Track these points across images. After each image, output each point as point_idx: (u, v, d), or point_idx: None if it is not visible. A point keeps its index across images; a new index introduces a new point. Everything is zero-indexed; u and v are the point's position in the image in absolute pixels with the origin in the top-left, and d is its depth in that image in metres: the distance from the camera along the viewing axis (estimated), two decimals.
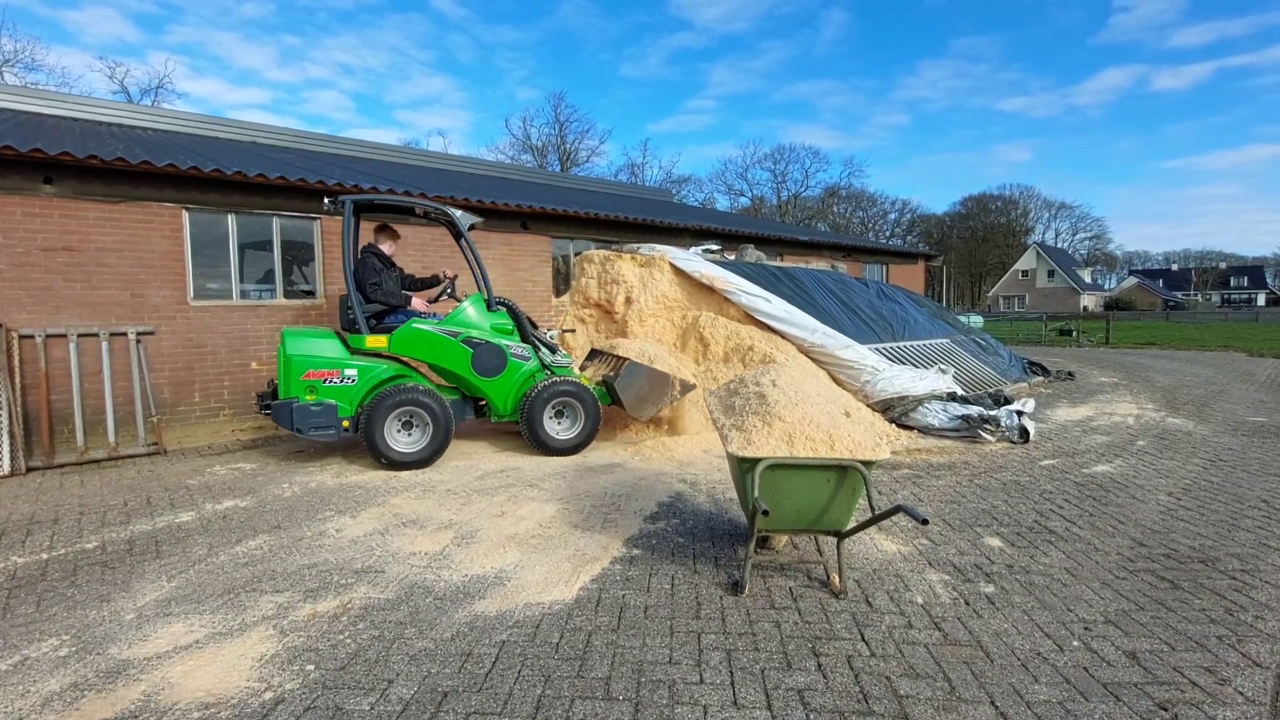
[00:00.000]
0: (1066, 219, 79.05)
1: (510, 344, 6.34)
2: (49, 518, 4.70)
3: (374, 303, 6.05)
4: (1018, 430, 6.85)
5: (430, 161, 16.75)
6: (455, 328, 6.15)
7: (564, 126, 50.26)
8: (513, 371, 6.32)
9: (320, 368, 5.78)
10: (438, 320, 6.19)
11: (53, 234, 6.49)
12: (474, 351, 6.14)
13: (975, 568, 3.69)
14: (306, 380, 5.73)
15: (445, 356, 6.09)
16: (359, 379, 5.89)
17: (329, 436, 5.78)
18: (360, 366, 5.92)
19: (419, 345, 6.02)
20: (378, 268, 6.11)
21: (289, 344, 5.78)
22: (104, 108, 12.07)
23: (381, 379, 5.98)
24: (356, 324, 5.95)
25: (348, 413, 5.83)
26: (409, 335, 5.98)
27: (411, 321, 6.04)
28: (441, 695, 2.53)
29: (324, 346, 5.88)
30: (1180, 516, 4.51)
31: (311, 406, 5.71)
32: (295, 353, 5.74)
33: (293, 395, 5.72)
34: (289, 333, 5.92)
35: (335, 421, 5.77)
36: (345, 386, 5.85)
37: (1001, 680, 2.61)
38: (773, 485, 3.26)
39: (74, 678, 2.67)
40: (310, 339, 5.91)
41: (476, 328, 6.24)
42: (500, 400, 6.36)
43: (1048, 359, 14.92)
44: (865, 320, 9.69)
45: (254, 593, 3.43)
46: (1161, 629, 3.00)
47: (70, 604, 3.34)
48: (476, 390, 6.33)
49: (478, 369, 6.17)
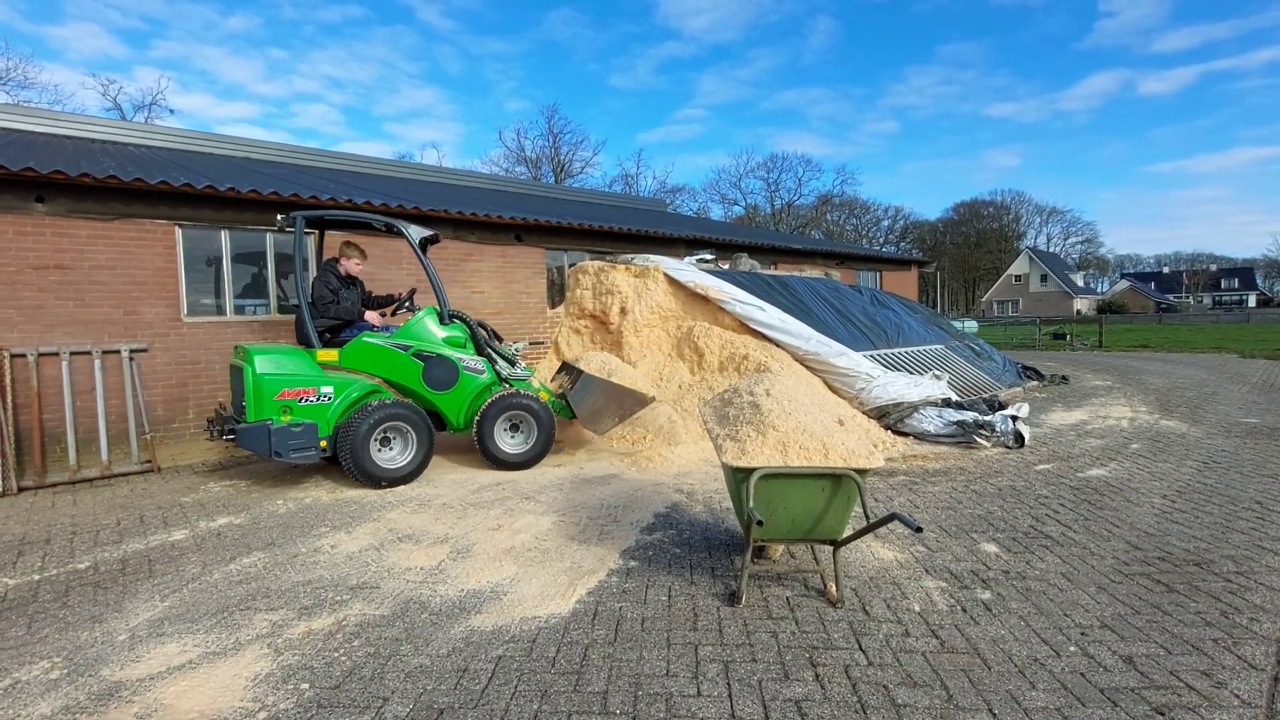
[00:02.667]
0: (1058, 223, 79.60)
1: (463, 357, 6.26)
2: (41, 538, 4.66)
3: (327, 317, 6.00)
4: (1013, 435, 6.87)
5: (424, 175, 16.79)
6: (406, 341, 6.07)
7: (557, 138, 50.41)
8: (465, 385, 6.24)
9: (296, 386, 5.56)
10: (389, 334, 6.12)
11: (45, 252, 6.47)
12: (425, 365, 6.06)
13: (972, 574, 3.69)
14: (281, 400, 5.48)
15: (396, 370, 6.02)
16: (335, 396, 5.73)
17: (309, 458, 5.54)
18: (337, 383, 5.77)
19: (369, 359, 5.95)
20: (334, 284, 6.07)
21: (258, 362, 5.50)
22: (97, 125, 12.08)
23: (359, 395, 5.84)
24: (307, 338, 5.88)
25: (326, 432, 5.63)
26: (359, 349, 5.92)
27: (362, 335, 5.98)
28: (437, 712, 2.51)
29: (295, 363, 5.68)
30: (1175, 519, 4.52)
31: (291, 428, 5.45)
32: (267, 371, 5.49)
33: (265, 417, 5.45)
34: (256, 350, 5.61)
35: (315, 442, 5.55)
36: (322, 405, 5.65)
37: (999, 687, 2.61)
38: (768, 495, 3.26)
39: (66, 700, 2.65)
40: (280, 356, 5.67)
41: (428, 341, 6.16)
42: (453, 413, 6.29)
43: (1042, 363, 14.97)
44: (859, 327, 9.72)
45: (248, 611, 3.41)
46: (1157, 633, 3.00)
47: (62, 625, 3.31)
48: (429, 403, 6.23)
49: (429, 382, 6.08)
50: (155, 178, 6.92)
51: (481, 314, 9.59)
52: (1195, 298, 78.13)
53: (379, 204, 8.37)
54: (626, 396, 6.76)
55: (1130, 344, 22.66)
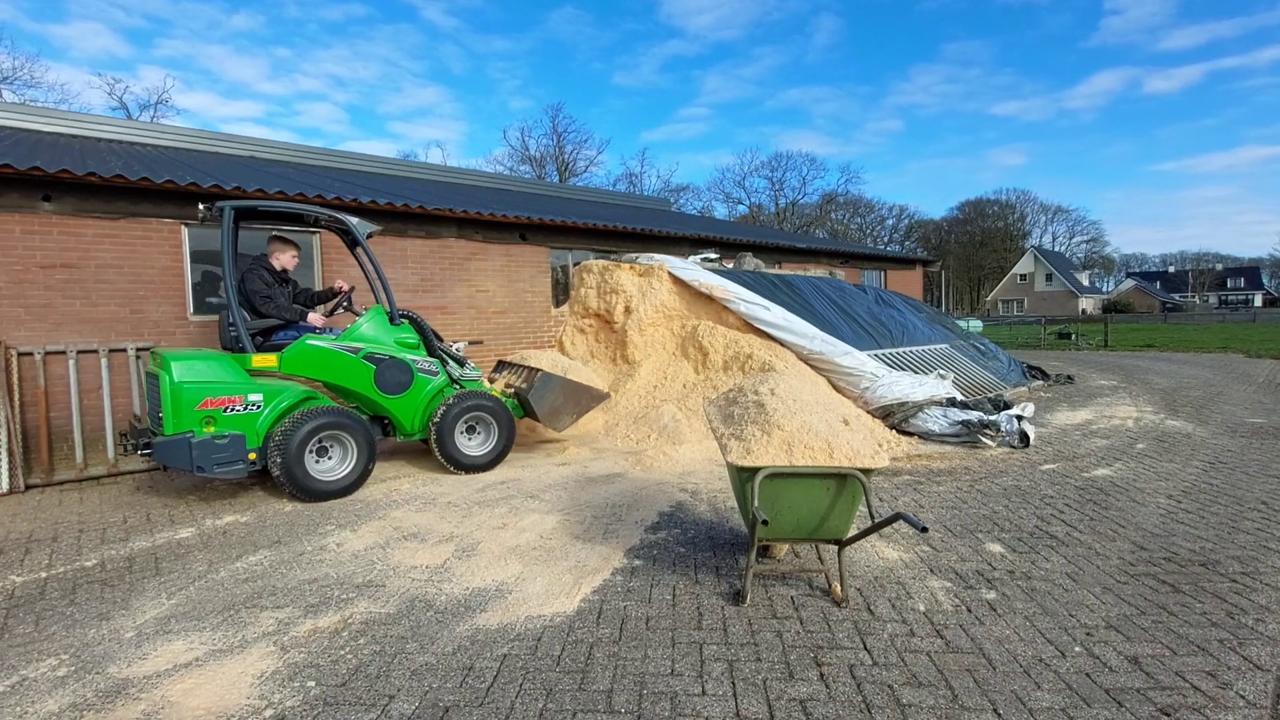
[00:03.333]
0: (1063, 223, 79.31)
1: (416, 359, 6.01)
2: (48, 535, 4.69)
3: (264, 318, 5.58)
4: (1018, 435, 6.85)
5: (428, 174, 16.81)
6: (355, 343, 5.71)
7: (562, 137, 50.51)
8: (419, 388, 6.00)
9: (219, 394, 5.07)
10: (335, 336, 5.75)
11: (52, 251, 6.50)
12: (377, 368, 5.74)
13: (977, 574, 3.69)
14: (203, 410, 5.00)
15: (344, 374, 5.63)
16: (265, 404, 5.27)
17: (236, 473, 5.12)
18: (266, 390, 5.31)
19: (314, 364, 5.52)
20: (267, 280, 5.67)
21: (176, 369, 4.98)
22: (103, 124, 12.13)
23: (291, 402, 5.41)
24: (240, 342, 5.40)
25: (255, 443, 5.19)
26: (303, 353, 5.46)
27: (305, 338, 5.54)
28: (443, 710, 2.52)
29: (218, 370, 5.17)
30: (1180, 520, 4.51)
31: (215, 440, 4.98)
32: (185, 379, 4.98)
33: (186, 429, 4.95)
34: (172, 356, 5.08)
35: (243, 455, 5.11)
36: (250, 414, 5.19)
37: (1004, 687, 2.61)
38: (772, 495, 3.26)
39: (73, 698, 2.66)
40: (200, 362, 5.14)
41: (378, 343, 5.83)
42: (406, 418, 6.01)
43: (1047, 363, 14.94)
44: (864, 327, 9.71)
45: (254, 609, 3.43)
46: (1163, 633, 3.00)
47: (69, 623, 3.33)
48: (380, 409, 5.94)
49: (381, 386, 5.77)
50: (161, 177, 6.95)
51: (487, 313, 9.61)
52: (1201, 297, 77.83)
53: (384, 203, 8.39)
54: (583, 393, 6.83)
55: (1135, 344, 22.58)
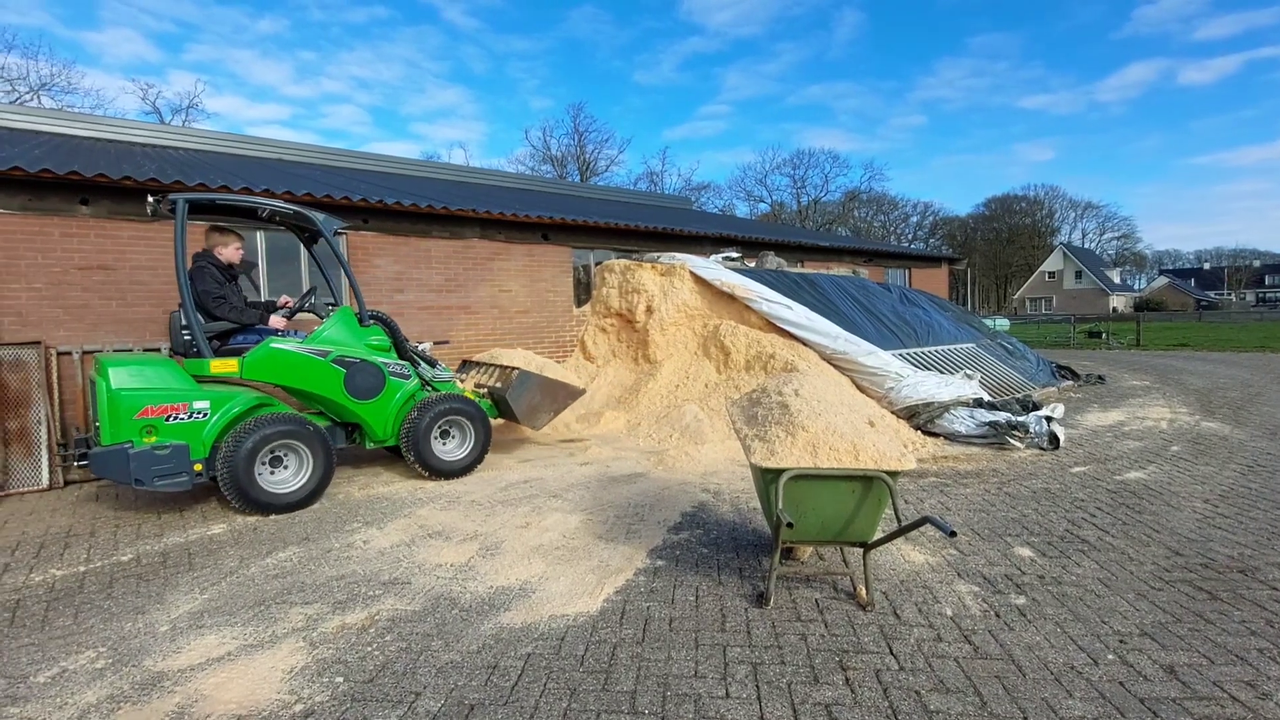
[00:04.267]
0: (1093, 219, 77.57)
1: (388, 362, 5.77)
2: (86, 530, 4.82)
3: (220, 320, 5.24)
4: (1047, 436, 6.72)
5: (451, 174, 16.97)
6: (324, 346, 5.42)
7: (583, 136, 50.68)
8: (392, 392, 5.76)
9: (161, 402, 4.77)
10: (300, 339, 5.42)
11: (89, 253, 6.68)
12: (347, 372, 5.47)
13: (1006, 579, 3.63)
14: (142, 419, 4.70)
15: (312, 380, 5.35)
16: (212, 412, 4.97)
17: (179, 486, 4.80)
18: (214, 397, 5.01)
19: (279, 369, 5.22)
20: (219, 279, 5.26)
21: (112, 375, 4.70)
22: (136, 129, 12.43)
23: (242, 410, 5.12)
24: (195, 346, 5.06)
25: (200, 454, 4.89)
26: (267, 357, 5.16)
27: (269, 341, 5.22)
28: (468, 709, 2.55)
29: (160, 376, 4.88)
30: (1217, 524, 4.39)
31: (155, 450, 4.69)
32: (124, 386, 4.69)
33: (124, 439, 4.66)
34: (109, 361, 4.81)
35: (187, 466, 4.82)
36: (195, 423, 4.89)
37: (1034, 695, 2.56)
38: (797, 497, 3.24)
39: (110, 690, 2.74)
40: (141, 367, 4.87)
41: (348, 345, 5.56)
42: (379, 424, 5.75)
43: (1077, 362, 14.63)
44: (888, 326, 9.60)
45: (284, 604, 3.49)
46: (1200, 642, 2.92)
47: (106, 616, 3.42)
48: (350, 415, 5.67)
49: (352, 391, 5.49)
50: (193, 180, 7.10)
51: (510, 313, 9.68)
52: (1237, 294, 75.62)
53: (409, 204, 8.47)
54: (560, 390, 6.82)
55: (1169, 343, 22.03)
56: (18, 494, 5.88)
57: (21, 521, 5.08)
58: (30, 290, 6.38)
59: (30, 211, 6.39)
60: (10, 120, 11.16)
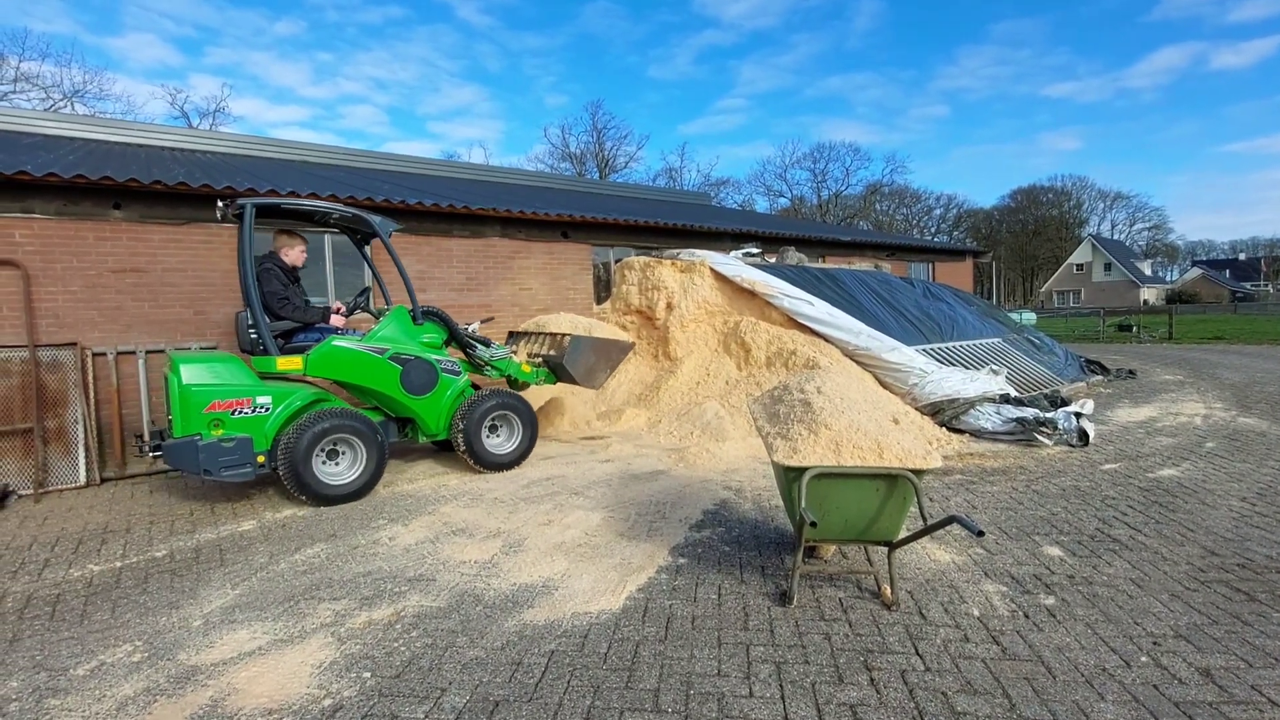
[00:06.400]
0: (1123, 209, 75.86)
1: (440, 359, 5.98)
2: (122, 527, 4.95)
3: (283, 320, 5.50)
4: (1076, 433, 6.60)
5: (470, 174, 17.09)
6: (381, 344, 5.67)
7: (602, 133, 50.71)
8: (444, 388, 5.97)
9: (228, 397, 5.05)
10: (359, 337, 5.68)
11: (122, 256, 6.84)
12: (403, 368, 5.70)
13: (1034, 578, 3.57)
14: (211, 413, 4.99)
15: (371, 376, 5.58)
16: (274, 406, 5.23)
17: (244, 476, 5.06)
18: (275, 392, 5.27)
19: (341, 365, 5.46)
20: (284, 280, 5.54)
21: (184, 371, 5.00)
22: (165, 133, 12.69)
23: (302, 405, 5.36)
24: (261, 344, 5.32)
25: (263, 446, 5.15)
26: (329, 354, 5.41)
27: (331, 339, 5.47)
28: (493, 705, 2.57)
29: (227, 372, 5.17)
30: (1255, 524, 4.28)
31: (222, 443, 4.96)
32: (195, 382, 4.98)
33: (194, 431, 4.94)
34: (181, 359, 5.11)
35: (250, 458, 5.08)
36: (259, 417, 5.16)
37: (1065, 698, 2.52)
38: (820, 495, 3.22)
39: (146, 683, 2.81)
40: (210, 364, 5.16)
41: (403, 343, 5.80)
42: (431, 419, 5.97)
43: (1106, 356, 14.33)
44: (912, 321, 9.48)
45: (312, 600, 3.55)
46: (1237, 644, 2.85)
47: (142, 610, 3.51)
48: (405, 410, 5.89)
49: (408, 387, 5.73)
50: (221, 183, 7.23)
51: (530, 311, 9.72)
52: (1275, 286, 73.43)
53: (430, 204, 8.55)
54: (612, 347, 7.01)
55: (1203, 335, 21.48)
56: (56, 491, 6.05)
57: (60, 518, 5.22)
58: (66, 293, 6.56)
59: (66, 216, 6.56)
60: (45, 127, 11.46)
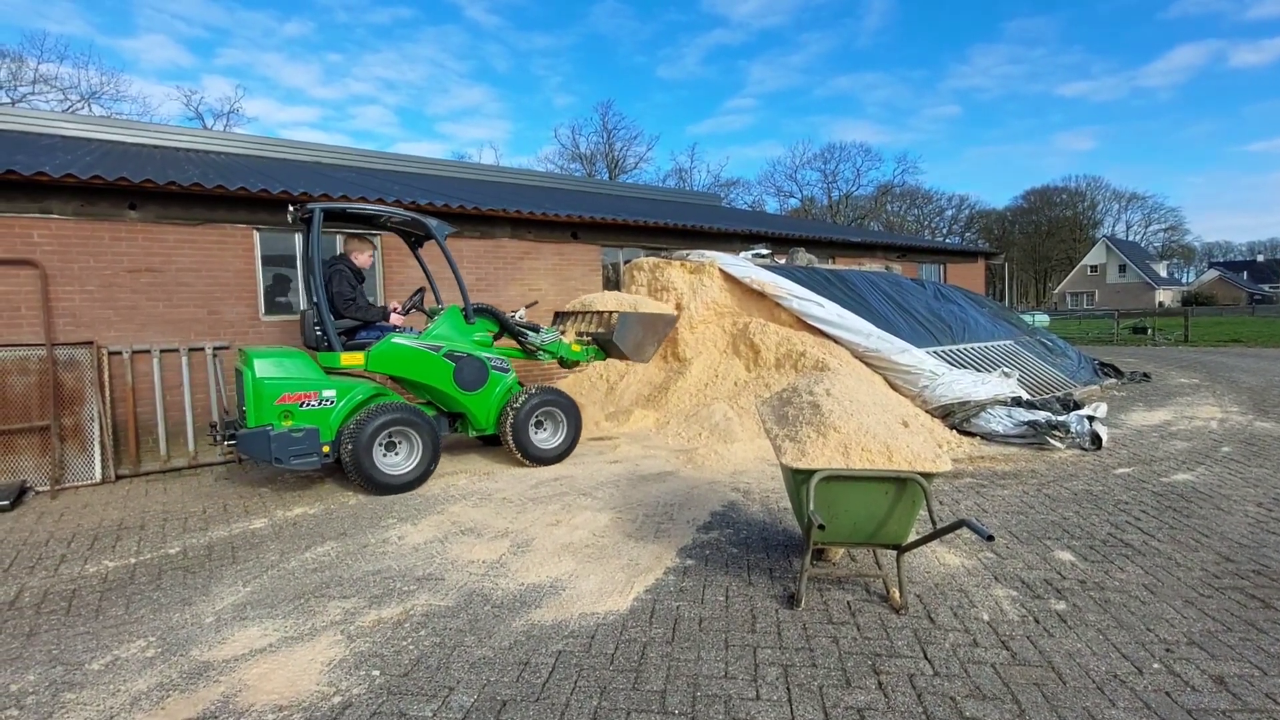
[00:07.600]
0: (1138, 210, 74.99)
1: (490, 356, 6.28)
2: (136, 524, 5.00)
3: (346, 318, 5.79)
4: (1089, 436, 6.54)
5: (480, 174, 17.15)
6: (436, 342, 5.99)
7: (611, 134, 50.74)
8: (493, 385, 6.26)
9: (296, 390, 5.34)
10: (416, 335, 5.99)
11: (137, 256, 6.92)
12: (456, 365, 6.01)
13: (1045, 583, 3.54)
14: (281, 405, 5.28)
15: (427, 372, 5.90)
16: (338, 399, 5.53)
17: (311, 465, 5.35)
18: (339, 386, 5.57)
19: (399, 361, 5.78)
20: (352, 282, 5.87)
21: (257, 365, 5.27)
22: (180, 134, 12.82)
23: (363, 398, 5.66)
24: (326, 341, 5.60)
25: (328, 437, 5.44)
26: (389, 351, 5.73)
27: (390, 336, 5.79)
28: (500, 704, 2.58)
29: (296, 366, 5.43)
30: (1271, 529, 4.23)
31: (292, 433, 5.26)
32: (267, 375, 5.26)
33: (266, 422, 5.23)
34: (254, 353, 5.38)
35: (317, 447, 5.36)
36: (324, 409, 5.45)
37: (1075, 704, 2.50)
38: (828, 498, 3.21)
39: (160, 678, 2.84)
40: (280, 359, 5.43)
41: (459, 341, 6.12)
42: (481, 414, 6.26)
43: (1120, 359, 14.19)
44: (922, 323, 9.43)
45: (322, 598, 3.58)
46: (1252, 651, 2.82)
47: (156, 606, 3.55)
48: (457, 405, 6.19)
49: (460, 383, 6.04)
50: (234, 184, 7.30)
51: (539, 312, 9.74)
52: None
53: (440, 204, 8.59)
54: (659, 321, 7.37)
55: (1219, 338, 21.23)
56: (72, 488, 6.13)
57: (76, 514, 5.29)
58: (83, 292, 6.64)
59: (83, 217, 6.64)
60: (62, 128, 11.60)
